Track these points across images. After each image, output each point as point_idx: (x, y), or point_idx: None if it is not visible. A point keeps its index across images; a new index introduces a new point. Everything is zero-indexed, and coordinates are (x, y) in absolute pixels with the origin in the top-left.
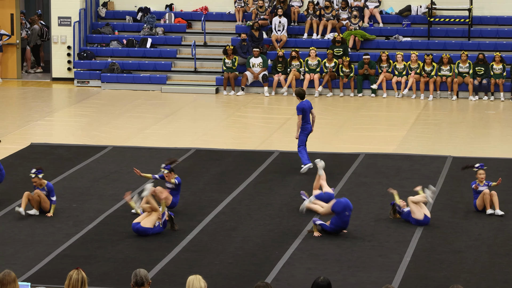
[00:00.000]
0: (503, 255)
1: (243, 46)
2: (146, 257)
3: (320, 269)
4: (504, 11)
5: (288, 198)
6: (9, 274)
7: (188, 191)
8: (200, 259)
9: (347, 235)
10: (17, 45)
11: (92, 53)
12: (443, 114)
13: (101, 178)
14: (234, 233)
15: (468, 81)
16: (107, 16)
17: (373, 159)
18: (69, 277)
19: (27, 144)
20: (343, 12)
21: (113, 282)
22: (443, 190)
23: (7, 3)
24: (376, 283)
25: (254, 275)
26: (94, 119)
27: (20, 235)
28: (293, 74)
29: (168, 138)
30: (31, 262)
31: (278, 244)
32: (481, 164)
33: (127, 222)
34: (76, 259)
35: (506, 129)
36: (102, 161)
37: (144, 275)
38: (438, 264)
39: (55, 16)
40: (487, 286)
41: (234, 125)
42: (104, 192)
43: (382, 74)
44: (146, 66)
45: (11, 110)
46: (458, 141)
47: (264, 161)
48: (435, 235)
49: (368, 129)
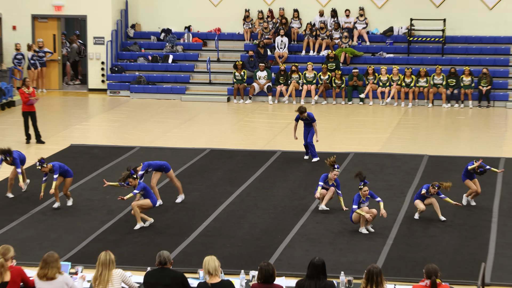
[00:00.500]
0: (471, 238)
1: (250, 61)
2: (168, 240)
3: (316, 251)
4: (472, 32)
5: (289, 190)
6: (52, 254)
7: (204, 185)
8: (214, 242)
9: (338, 223)
10: (58, 61)
11: (122, 68)
12: (421, 119)
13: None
14: (243, 220)
15: (441, 91)
16: (135, 36)
17: (361, 157)
18: (99, 257)
19: (67, 145)
20: (336, 33)
21: (140, 262)
22: (420, 184)
23: (50, 25)
24: (363, 262)
25: (260, 256)
26: (124, 123)
27: (62, 222)
28: (293, 85)
29: (187, 139)
30: (71, 245)
31: (280, 230)
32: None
33: (153, 210)
34: (108, 242)
35: (474, 132)
36: (130, 159)
37: (166, 256)
38: (416, 247)
39: (91, 36)
40: (458, 265)
41: (243, 129)
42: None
43: (368, 85)
44: (168, 79)
45: (54, 116)
46: (433, 142)
47: (268, 159)
48: (414, 222)
49: (357, 132)
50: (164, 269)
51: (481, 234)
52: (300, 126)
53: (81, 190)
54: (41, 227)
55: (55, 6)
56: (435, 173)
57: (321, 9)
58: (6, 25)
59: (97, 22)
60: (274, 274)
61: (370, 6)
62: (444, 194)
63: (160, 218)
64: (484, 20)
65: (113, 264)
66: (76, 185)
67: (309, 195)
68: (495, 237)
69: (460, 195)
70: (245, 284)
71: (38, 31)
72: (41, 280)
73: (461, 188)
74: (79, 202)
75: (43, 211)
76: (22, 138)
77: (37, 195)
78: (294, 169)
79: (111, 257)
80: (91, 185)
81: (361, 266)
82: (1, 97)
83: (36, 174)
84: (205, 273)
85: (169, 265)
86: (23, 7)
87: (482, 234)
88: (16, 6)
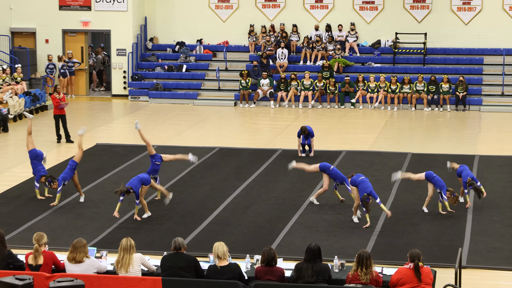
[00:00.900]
0: (449, 227)
1: (254, 70)
2: (182, 228)
3: (313, 237)
4: (450, 44)
5: (289, 184)
6: (80, 240)
7: (213, 179)
8: (223, 230)
9: (333, 213)
10: (85, 70)
11: (142, 76)
12: (405, 121)
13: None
14: (248, 210)
15: (423, 96)
16: (153, 48)
17: (352, 155)
18: (121, 243)
19: (93, 144)
20: (330, 45)
21: (158, 247)
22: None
23: (78, 38)
24: (354, 248)
25: (263, 242)
26: (143, 125)
27: (88, 213)
28: (292, 91)
29: (199, 139)
30: (96, 232)
31: (281, 219)
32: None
33: (169, 202)
34: (130, 230)
35: (452, 132)
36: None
37: (181, 242)
38: (401, 234)
39: (114, 48)
40: (438, 249)
41: (248, 130)
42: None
43: (359, 91)
44: (182, 86)
45: (81, 118)
46: (416, 141)
47: (270, 156)
48: (399, 211)
49: (348, 133)
50: (178, 253)
51: (458, 223)
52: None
53: (105, 184)
54: (70, 217)
55: (83, 22)
56: (418, 168)
57: (317, 24)
58: (40, 39)
59: (119, 36)
60: (275, 258)
61: (360, 21)
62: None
63: (175, 208)
64: (461, 34)
65: (134, 249)
66: (101, 179)
67: (307, 188)
68: (471, 225)
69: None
70: (250, 267)
71: (68, 44)
72: (70, 263)
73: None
74: (103, 194)
75: (71, 203)
76: (53, 138)
77: (66, 190)
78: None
79: (132, 243)
80: (114, 179)
81: (353, 251)
82: (35, 102)
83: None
84: (214, 257)
85: (183, 250)
86: (55, 23)
87: (459, 223)
88: (49, 22)
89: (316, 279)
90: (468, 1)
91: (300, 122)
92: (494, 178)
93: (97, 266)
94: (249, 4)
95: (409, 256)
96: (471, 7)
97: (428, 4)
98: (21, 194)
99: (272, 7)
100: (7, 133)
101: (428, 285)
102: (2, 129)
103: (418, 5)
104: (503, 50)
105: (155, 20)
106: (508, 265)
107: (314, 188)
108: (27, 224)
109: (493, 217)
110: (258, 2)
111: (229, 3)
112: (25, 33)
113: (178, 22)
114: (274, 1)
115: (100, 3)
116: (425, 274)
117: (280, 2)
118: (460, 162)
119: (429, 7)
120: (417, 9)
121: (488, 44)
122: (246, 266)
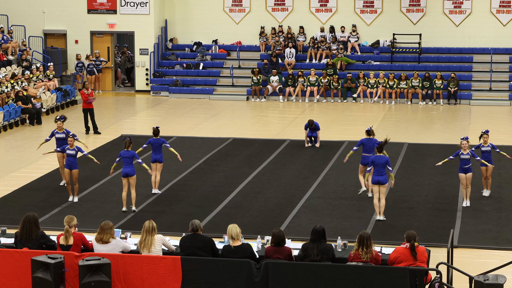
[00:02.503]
0: (442, 210)
1: (265, 68)
2: (199, 211)
3: (318, 220)
4: (442, 44)
5: (296, 171)
6: (107, 223)
7: (228, 167)
8: (236, 213)
9: (336, 197)
10: (111, 68)
11: (163, 73)
12: (401, 114)
13: (168, 158)
14: (259, 195)
15: (418, 91)
16: (172, 48)
17: (353, 145)
18: (144, 225)
19: (118, 135)
20: (333, 45)
21: (177, 228)
22: (401, 166)
23: (105, 39)
24: (356, 229)
25: (273, 224)
26: (163, 118)
27: (114, 197)
28: (299, 87)
29: (214, 131)
30: (121, 216)
31: (289, 203)
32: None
33: (187, 188)
34: (152, 213)
35: (444, 124)
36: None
37: (198, 224)
38: (398, 216)
39: (137, 48)
40: (431, 231)
41: (259, 122)
42: (171, 167)
43: (360, 87)
44: (199, 82)
45: (108, 112)
46: (412, 132)
47: (279, 146)
48: (396, 196)
49: (350, 124)
50: (196, 234)
51: (450, 207)
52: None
53: None
54: (98, 201)
55: (109, 24)
56: (414, 157)
57: (322, 26)
58: (70, 40)
59: (142, 37)
60: (284, 239)
61: (361, 23)
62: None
63: (193, 193)
64: (452, 35)
65: (155, 231)
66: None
67: (312, 175)
68: (461, 209)
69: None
70: (261, 247)
71: (95, 44)
72: (98, 243)
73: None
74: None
75: (99, 188)
76: (82, 129)
77: (93, 176)
78: (300, 154)
79: (154, 225)
80: (138, 168)
81: (354, 232)
82: (66, 97)
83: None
84: (229, 238)
85: (200, 231)
86: (83, 25)
87: (451, 207)
88: (78, 24)
89: (321, 257)
90: (459, 5)
91: (307, 115)
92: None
93: (122, 246)
94: (260, 8)
95: (406, 237)
96: (462, 10)
97: (423, 7)
98: (54, 181)
99: (281, 10)
100: (40, 125)
101: (423, 263)
102: (36, 122)
103: (413, 9)
104: (491, 49)
105: (174, 22)
106: (495, 245)
107: (319, 175)
108: (58, 208)
109: (481, 201)
110: (268, 5)
111: (242, 6)
112: (56, 35)
113: (195, 24)
114: (283, 5)
115: (125, 7)
116: (420, 253)
117: (288, 5)
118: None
119: (423, 10)
120: (412, 12)
121: (477, 44)
122: (258, 246)
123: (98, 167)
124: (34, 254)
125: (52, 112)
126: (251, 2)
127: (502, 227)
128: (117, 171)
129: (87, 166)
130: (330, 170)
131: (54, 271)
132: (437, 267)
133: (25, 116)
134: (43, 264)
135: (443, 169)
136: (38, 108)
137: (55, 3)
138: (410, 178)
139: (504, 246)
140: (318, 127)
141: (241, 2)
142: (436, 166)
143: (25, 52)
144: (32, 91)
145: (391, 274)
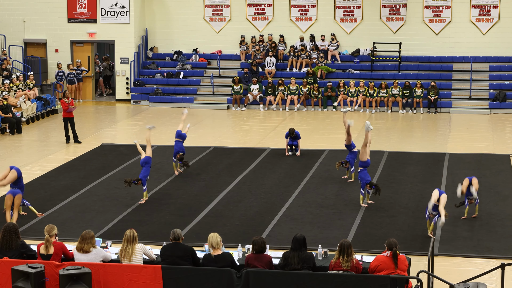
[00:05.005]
0: (422, 218)
1: (245, 77)
2: (180, 220)
3: (298, 228)
4: (422, 53)
5: (277, 180)
6: (88, 232)
7: (208, 176)
8: (217, 222)
9: (317, 206)
10: (92, 77)
11: (143, 82)
12: (382, 122)
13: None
14: (240, 204)
15: (398, 100)
16: (153, 57)
17: (334, 153)
18: (124, 234)
19: (99, 144)
20: (313, 53)
21: (158, 238)
22: (381, 175)
23: (85, 48)
24: (336, 238)
25: (253, 233)
26: (144, 127)
27: (95, 206)
28: (280, 95)
29: (195, 139)
30: (102, 224)
31: (270, 212)
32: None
33: (168, 197)
34: (132, 222)
35: (424, 133)
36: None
37: (179, 233)
38: (379, 224)
39: (117, 57)
40: (412, 239)
41: (240, 131)
42: (151, 176)
43: (340, 95)
44: (179, 91)
45: (88, 121)
46: (392, 141)
47: (260, 155)
48: (377, 205)
49: (331, 133)
50: (177, 243)
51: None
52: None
53: (110, 181)
54: (78, 210)
55: (89, 33)
56: (394, 165)
57: (302, 35)
58: (50, 49)
59: (123, 46)
60: (265, 247)
61: (340, 32)
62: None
63: (174, 202)
64: (432, 43)
65: (136, 240)
66: (106, 176)
67: (293, 184)
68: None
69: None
70: (241, 255)
71: (76, 53)
72: (78, 253)
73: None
74: (108, 190)
75: (79, 197)
76: (62, 139)
77: (74, 186)
78: (281, 163)
79: (135, 234)
80: (118, 177)
81: (335, 240)
82: (46, 106)
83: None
84: (209, 246)
85: (181, 240)
86: (64, 34)
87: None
88: (58, 33)
89: (301, 266)
90: (438, 14)
91: (287, 124)
92: (462, 174)
93: (103, 255)
94: (241, 17)
95: (387, 245)
96: (442, 18)
97: (403, 16)
98: (33, 190)
99: (261, 19)
100: (20, 134)
101: (404, 271)
102: (16, 131)
103: (393, 17)
104: (471, 58)
105: (155, 31)
106: (476, 253)
107: (300, 184)
108: (38, 217)
109: (462, 210)
110: (248, 14)
111: (222, 15)
112: (37, 44)
113: (176, 33)
114: (263, 14)
115: (105, 16)
116: (401, 261)
117: (268, 14)
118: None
119: (403, 19)
120: (392, 20)
121: (457, 52)
122: (238, 254)
123: (78, 176)
124: (15, 264)
125: (32, 121)
126: (232, 11)
127: (483, 235)
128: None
129: (67, 175)
130: (310, 179)
131: (35, 280)
132: (418, 275)
133: (5, 125)
134: (23, 273)
135: (423, 178)
136: (18, 118)
137: (35, 12)
138: (391, 186)
139: (485, 254)
140: (298, 136)
141: (221, 11)
142: (417, 175)
143: (5, 62)
144: (13, 101)
145: (372, 283)
